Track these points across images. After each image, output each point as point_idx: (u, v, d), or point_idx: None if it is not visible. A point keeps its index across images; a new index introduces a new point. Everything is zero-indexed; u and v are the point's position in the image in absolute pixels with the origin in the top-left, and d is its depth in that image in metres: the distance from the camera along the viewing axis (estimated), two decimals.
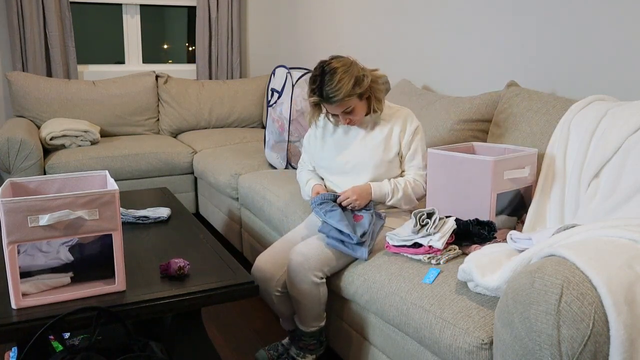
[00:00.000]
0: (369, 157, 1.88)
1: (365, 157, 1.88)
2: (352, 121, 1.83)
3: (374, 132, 1.90)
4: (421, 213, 1.63)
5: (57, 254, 1.48)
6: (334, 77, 1.71)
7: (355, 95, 1.75)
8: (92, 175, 1.58)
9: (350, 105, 1.77)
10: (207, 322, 2.30)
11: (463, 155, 1.84)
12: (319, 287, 1.73)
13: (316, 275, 1.71)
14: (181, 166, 3.37)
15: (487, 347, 1.26)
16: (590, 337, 1.01)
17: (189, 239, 1.86)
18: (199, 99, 3.95)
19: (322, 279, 1.73)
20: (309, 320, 1.79)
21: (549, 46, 2.27)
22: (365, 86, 1.76)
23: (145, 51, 4.20)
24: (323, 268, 1.72)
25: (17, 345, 1.61)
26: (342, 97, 1.72)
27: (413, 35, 3.02)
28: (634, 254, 1.12)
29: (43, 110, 3.48)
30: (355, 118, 1.82)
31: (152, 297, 1.41)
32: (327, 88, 1.71)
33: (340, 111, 1.78)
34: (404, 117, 1.91)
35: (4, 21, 3.62)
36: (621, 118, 1.72)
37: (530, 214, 1.83)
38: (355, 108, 1.79)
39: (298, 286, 1.72)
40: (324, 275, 1.73)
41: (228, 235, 2.98)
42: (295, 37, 4.24)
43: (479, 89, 2.58)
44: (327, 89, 1.71)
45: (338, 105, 1.75)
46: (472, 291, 1.42)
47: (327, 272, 1.74)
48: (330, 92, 1.71)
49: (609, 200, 1.62)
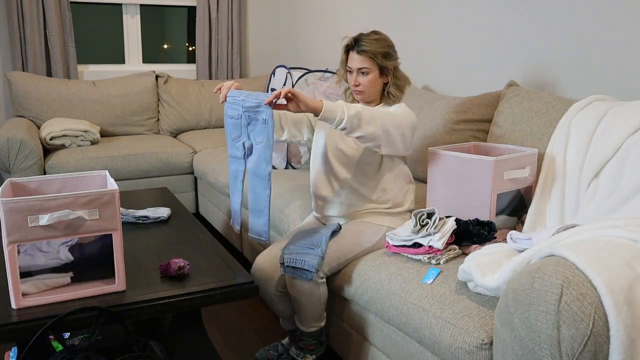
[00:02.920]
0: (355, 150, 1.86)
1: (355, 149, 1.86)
2: (360, 86, 1.82)
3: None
4: (421, 213, 1.63)
5: (57, 253, 1.48)
6: (375, 35, 1.82)
7: (378, 60, 1.78)
8: (92, 175, 1.58)
9: (369, 68, 1.80)
10: (207, 322, 2.30)
11: (464, 155, 1.84)
12: (319, 287, 1.72)
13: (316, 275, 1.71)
14: (181, 166, 3.37)
15: (487, 347, 1.26)
16: (590, 337, 1.01)
17: (189, 239, 1.86)
18: (199, 99, 3.95)
19: (322, 279, 1.73)
20: (309, 320, 1.79)
21: (549, 46, 2.27)
22: (390, 64, 1.81)
23: (145, 51, 4.20)
24: (323, 268, 1.72)
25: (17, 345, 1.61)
26: (370, 50, 1.78)
27: (413, 36, 3.02)
28: (634, 254, 1.12)
29: (43, 110, 3.48)
30: (365, 85, 1.81)
31: (152, 297, 1.41)
32: (363, 36, 1.81)
33: (359, 66, 1.80)
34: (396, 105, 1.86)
35: (4, 21, 3.62)
36: (621, 118, 1.72)
37: (530, 214, 1.83)
38: (371, 76, 1.81)
39: (298, 286, 1.72)
40: (324, 274, 1.73)
41: (228, 235, 2.98)
42: (295, 37, 4.24)
43: (479, 89, 2.58)
44: (363, 36, 1.81)
45: (361, 57, 1.79)
46: (472, 291, 1.42)
47: (327, 272, 1.74)
48: (363, 39, 1.80)
49: (609, 200, 1.62)
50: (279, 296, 1.83)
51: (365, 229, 1.83)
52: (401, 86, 1.87)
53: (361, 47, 1.79)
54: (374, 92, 1.84)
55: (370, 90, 1.83)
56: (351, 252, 1.77)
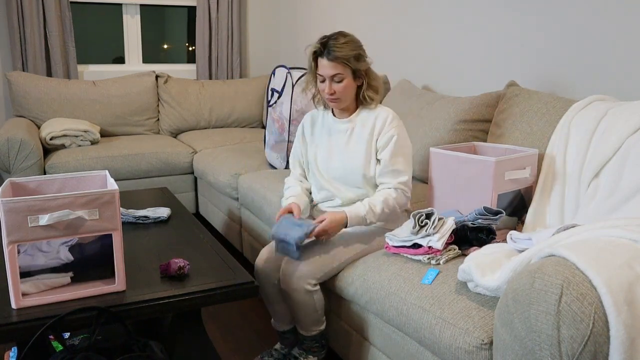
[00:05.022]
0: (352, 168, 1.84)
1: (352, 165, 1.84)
2: (336, 94, 1.76)
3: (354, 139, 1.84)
4: (420, 214, 1.63)
5: (57, 253, 1.48)
6: (342, 38, 1.74)
7: (350, 64, 1.72)
8: (92, 175, 1.58)
9: (343, 74, 1.73)
10: (207, 322, 2.30)
11: (465, 155, 1.84)
12: (312, 295, 1.72)
13: (309, 283, 1.71)
14: (181, 166, 3.37)
15: (487, 347, 1.26)
16: (590, 337, 1.01)
17: (189, 239, 1.86)
18: (199, 99, 3.95)
19: (315, 286, 1.73)
20: (308, 325, 1.79)
21: (549, 46, 2.27)
22: (362, 66, 1.75)
23: (145, 51, 4.20)
24: (316, 275, 1.72)
25: (17, 345, 1.61)
26: (341, 56, 1.70)
27: (413, 36, 3.02)
28: (634, 254, 1.12)
29: (43, 110, 3.48)
30: (340, 92, 1.75)
31: (152, 297, 1.41)
32: (331, 42, 1.73)
33: (332, 73, 1.73)
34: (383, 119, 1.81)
35: (4, 21, 3.62)
36: (621, 118, 1.72)
37: (530, 214, 1.83)
38: (345, 82, 1.74)
39: (292, 295, 1.72)
40: (317, 281, 1.73)
41: (228, 235, 2.98)
42: (295, 37, 4.24)
43: (479, 89, 2.58)
44: (331, 42, 1.73)
45: (333, 64, 1.71)
46: (472, 291, 1.42)
47: (321, 279, 1.74)
48: (332, 45, 1.71)
49: (609, 200, 1.62)
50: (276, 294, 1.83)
51: (359, 232, 1.82)
52: (376, 87, 1.81)
53: (331, 53, 1.71)
54: (349, 97, 1.79)
55: (345, 96, 1.78)
56: (344, 255, 1.76)
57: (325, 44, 1.73)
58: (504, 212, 1.70)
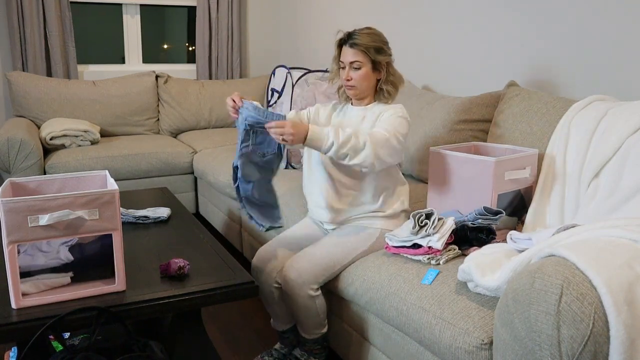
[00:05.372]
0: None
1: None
2: (352, 81, 1.78)
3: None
4: (420, 214, 1.63)
5: (57, 253, 1.49)
6: (367, 30, 1.79)
7: (371, 54, 1.75)
8: (92, 175, 1.58)
9: (362, 62, 1.75)
10: (207, 322, 2.30)
11: (465, 155, 1.84)
12: (315, 300, 1.73)
13: (311, 289, 1.71)
14: (181, 166, 3.36)
15: (487, 347, 1.26)
16: (590, 337, 1.01)
17: (189, 239, 1.86)
18: (199, 99, 3.94)
19: (317, 291, 1.74)
20: (311, 328, 1.79)
21: (548, 46, 2.27)
22: (383, 59, 1.77)
23: (145, 51, 4.20)
24: (318, 279, 1.72)
25: (17, 345, 1.61)
26: (362, 43, 1.74)
27: (413, 36, 3.02)
28: (634, 254, 1.12)
29: (43, 110, 3.48)
30: (357, 80, 1.77)
31: (152, 297, 1.41)
32: (356, 31, 1.78)
33: (351, 60, 1.76)
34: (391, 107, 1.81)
35: (4, 21, 3.62)
36: (621, 118, 1.72)
37: (530, 214, 1.83)
38: (363, 70, 1.76)
39: (295, 301, 1.72)
40: (318, 286, 1.74)
41: (228, 235, 2.98)
42: (295, 37, 4.24)
43: (479, 89, 2.58)
44: (356, 31, 1.78)
45: (354, 51, 1.75)
46: (472, 291, 1.42)
47: (322, 282, 1.75)
48: (355, 34, 1.77)
49: (609, 200, 1.62)
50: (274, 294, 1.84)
51: (358, 234, 1.82)
52: (395, 83, 1.82)
53: (353, 40, 1.76)
54: (366, 87, 1.80)
55: (362, 85, 1.78)
56: (345, 258, 1.75)
57: (350, 33, 1.79)
58: (504, 212, 1.70)
